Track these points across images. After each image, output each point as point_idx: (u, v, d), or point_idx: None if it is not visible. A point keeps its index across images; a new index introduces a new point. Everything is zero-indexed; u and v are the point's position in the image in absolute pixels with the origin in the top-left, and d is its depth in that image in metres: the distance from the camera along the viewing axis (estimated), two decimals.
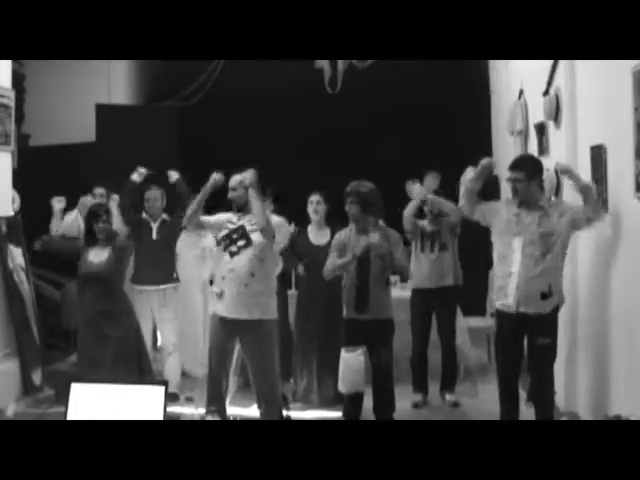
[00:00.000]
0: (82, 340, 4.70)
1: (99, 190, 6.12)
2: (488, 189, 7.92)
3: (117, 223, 5.34)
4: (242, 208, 4.48)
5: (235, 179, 4.48)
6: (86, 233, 4.86)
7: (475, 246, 5.62)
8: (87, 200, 6.09)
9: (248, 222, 4.43)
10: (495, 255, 4.40)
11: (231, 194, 4.49)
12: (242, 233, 4.39)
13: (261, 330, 4.38)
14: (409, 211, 5.41)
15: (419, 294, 5.48)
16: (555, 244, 4.18)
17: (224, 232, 4.45)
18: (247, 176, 4.38)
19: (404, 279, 4.88)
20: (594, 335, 4.56)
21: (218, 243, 4.49)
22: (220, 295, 4.40)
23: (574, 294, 4.75)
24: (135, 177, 5.68)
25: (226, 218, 4.53)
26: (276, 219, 4.55)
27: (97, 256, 4.69)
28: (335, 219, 5.39)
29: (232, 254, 4.38)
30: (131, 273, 5.51)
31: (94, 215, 4.77)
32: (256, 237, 4.38)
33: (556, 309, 4.26)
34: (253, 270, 4.35)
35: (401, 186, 5.68)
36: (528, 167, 4.29)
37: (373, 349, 4.43)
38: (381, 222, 4.61)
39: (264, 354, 4.41)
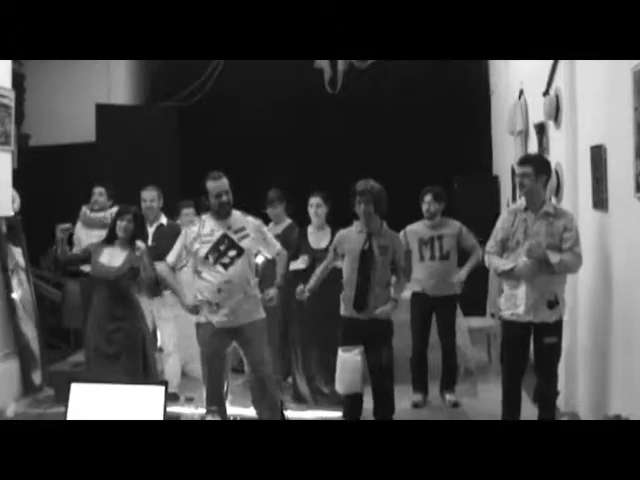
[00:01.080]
0: (90, 342, 4.66)
1: (99, 189, 6.10)
2: (488, 189, 8.01)
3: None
4: (225, 214, 4.37)
5: (224, 183, 4.35)
6: (109, 231, 4.71)
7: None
8: (87, 210, 6.05)
9: (229, 230, 4.34)
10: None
11: (224, 198, 4.33)
12: (230, 243, 4.30)
13: (257, 330, 4.40)
14: None
15: (419, 296, 5.48)
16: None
17: (207, 245, 4.31)
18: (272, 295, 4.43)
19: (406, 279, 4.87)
20: (594, 335, 4.56)
21: (206, 257, 4.30)
22: (216, 307, 4.31)
23: (574, 294, 4.75)
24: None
25: (196, 234, 4.38)
26: (264, 227, 4.58)
27: (111, 258, 4.58)
28: (336, 220, 5.40)
29: (225, 265, 4.28)
30: None
31: (120, 213, 4.68)
32: (245, 244, 4.34)
33: (561, 319, 4.27)
34: (248, 277, 4.35)
35: (401, 186, 5.68)
36: (536, 163, 4.30)
37: (372, 350, 4.42)
38: (384, 224, 4.61)
39: (262, 353, 4.43)
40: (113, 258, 4.58)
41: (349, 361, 4.36)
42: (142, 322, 4.72)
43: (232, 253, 4.29)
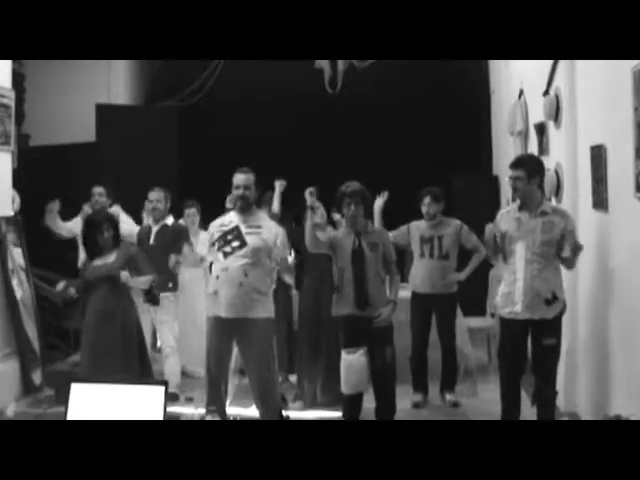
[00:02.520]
0: (86, 340, 4.67)
1: (98, 189, 6.11)
2: (488, 189, 8.02)
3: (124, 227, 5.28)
4: (247, 208, 4.47)
5: (248, 177, 4.46)
6: (89, 245, 4.69)
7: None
8: (89, 210, 6.07)
9: (244, 223, 4.44)
10: (500, 262, 4.42)
11: (241, 191, 4.44)
12: (237, 234, 4.40)
13: (257, 328, 4.39)
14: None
15: (419, 296, 5.48)
16: (555, 252, 4.20)
17: (219, 233, 4.46)
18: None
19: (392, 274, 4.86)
20: (594, 335, 4.56)
21: (213, 244, 4.47)
22: (214, 294, 4.40)
23: (574, 294, 4.75)
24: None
25: (219, 224, 4.52)
26: (281, 235, 4.55)
27: (104, 260, 4.63)
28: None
29: (226, 254, 4.39)
30: None
31: (97, 225, 4.66)
32: (251, 239, 4.40)
33: (560, 315, 4.27)
34: (246, 270, 4.36)
35: (401, 186, 5.68)
36: (529, 166, 4.29)
37: (374, 350, 4.42)
38: (369, 223, 4.63)
39: (260, 353, 4.41)
40: (104, 259, 4.64)
41: (355, 363, 4.35)
42: (136, 317, 4.75)
43: (235, 244, 4.39)
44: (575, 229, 4.28)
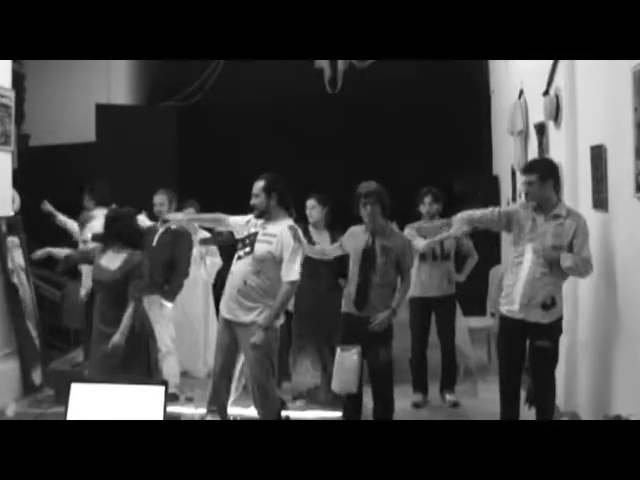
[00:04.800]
0: (92, 345, 4.64)
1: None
2: (488, 189, 8.01)
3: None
4: (262, 215, 4.47)
5: (257, 185, 4.46)
6: (105, 234, 4.68)
7: (475, 247, 5.63)
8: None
9: (263, 230, 4.43)
10: (509, 258, 4.40)
11: (252, 200, 4.47)
12: (250, 241, 4.42)
13: (250, 334, 4.32)
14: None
15: (419, 298, 5.47)
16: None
17: (242, 235, 4.50)
18: None
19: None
20: (594, 335, 4.56)
21: (237, 242, 4.53)
22: (223, 294, 4.50)
23: (574, 294, 4.75)
24: None
25: (253, 222, 4.53)
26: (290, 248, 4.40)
27: (110, 262, 4.53)
28: (335, 219, 5.40)
29: (238, 258, 4.45)
30: None
31: (110, 219, 4.65)
32: (259, 247, 4.37)
33: (557, 321, 4.23)
34: (246, 278, 4.35)
35: (401, 186, 5.68)
36: (541, 169, 4.26)
37: (370, 350, 4.41)
38: (394, 225, 4.62)
39: (254, 358, 4.35)
40: (111, 261, 4.55)
41: (346, 360, 4.36)
42: (145, 324, 4.69)
43: (247, 249, 4.42)
44: (586, 233, 4.16)
